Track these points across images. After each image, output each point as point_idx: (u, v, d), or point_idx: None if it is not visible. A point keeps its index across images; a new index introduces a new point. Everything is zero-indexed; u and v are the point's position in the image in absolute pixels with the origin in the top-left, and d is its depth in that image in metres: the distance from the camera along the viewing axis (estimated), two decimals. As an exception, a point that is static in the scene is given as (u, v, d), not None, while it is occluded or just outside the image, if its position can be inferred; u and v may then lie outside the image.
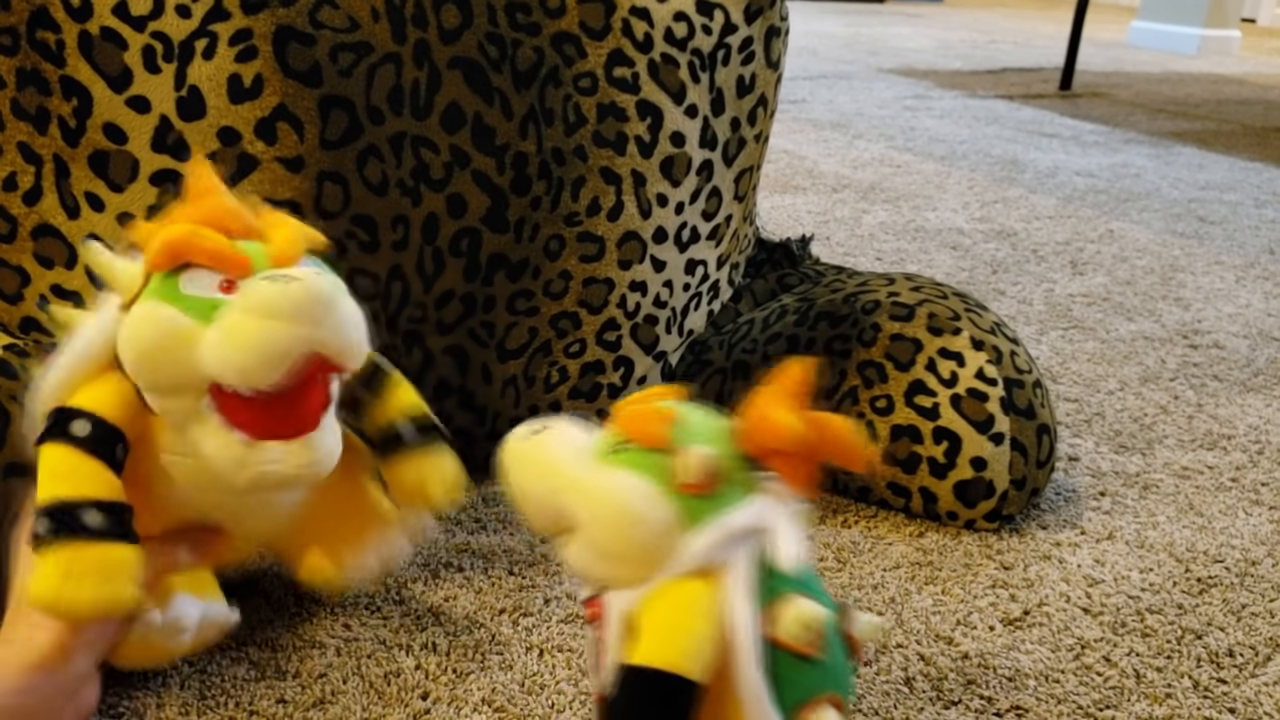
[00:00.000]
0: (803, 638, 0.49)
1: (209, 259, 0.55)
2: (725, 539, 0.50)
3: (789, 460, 0.51)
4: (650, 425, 0.52)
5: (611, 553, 0.51)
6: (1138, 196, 1.95)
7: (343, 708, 0.63)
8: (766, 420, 0.51)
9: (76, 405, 0.56)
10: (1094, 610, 0.76)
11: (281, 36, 0.71)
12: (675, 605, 0.49)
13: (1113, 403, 1.11)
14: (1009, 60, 3.68)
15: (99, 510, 0.54)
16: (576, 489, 0.52)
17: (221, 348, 0.53)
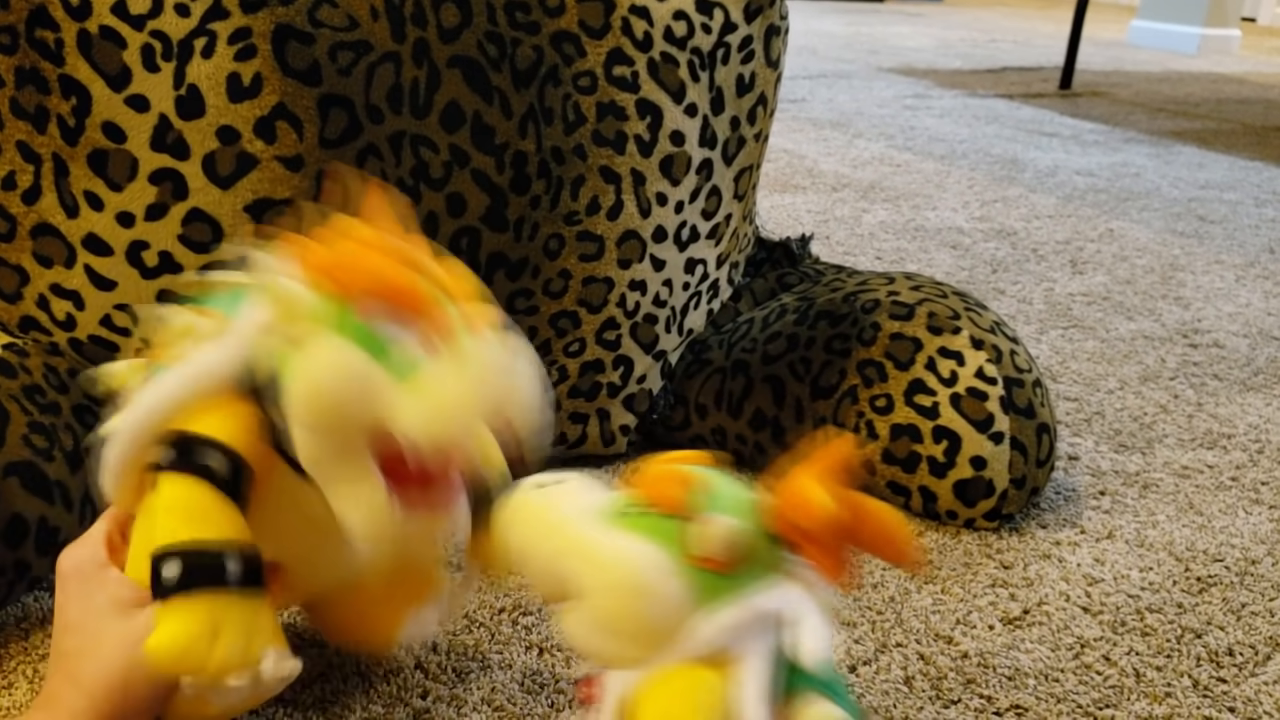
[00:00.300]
0: None
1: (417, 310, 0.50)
2: (742, 624, 0.45)
3: (821, 544, 0.46)
4: (669, 488, 0.47)
5: (614, 627, 0.46)
6: (1138, 196, 1.95)
7: (343, 707, 0.63)
8: (800, 498, 0.46)
9: (207, 434, 0.50)
10: (1094, 609, 0.76)
11: (280, 35, 0.71)
12: (679, 695, 0.45)
13: (1112, 402, 1.11)
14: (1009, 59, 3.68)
15: (239, 557, 0.49)
16: (581, 552, 0.47)
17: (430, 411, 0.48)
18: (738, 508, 0.47)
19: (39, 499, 0.67)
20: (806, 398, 0.89)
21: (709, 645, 0.45)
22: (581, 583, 0.47)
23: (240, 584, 0.48)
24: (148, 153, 0.71)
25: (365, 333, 0.49)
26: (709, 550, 0.46)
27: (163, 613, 0.47)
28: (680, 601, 0.45)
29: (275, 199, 0.73)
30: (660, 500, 0.47)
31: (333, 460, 0.50)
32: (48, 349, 0.75)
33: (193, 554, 0.48)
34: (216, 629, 0.47)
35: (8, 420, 0.67)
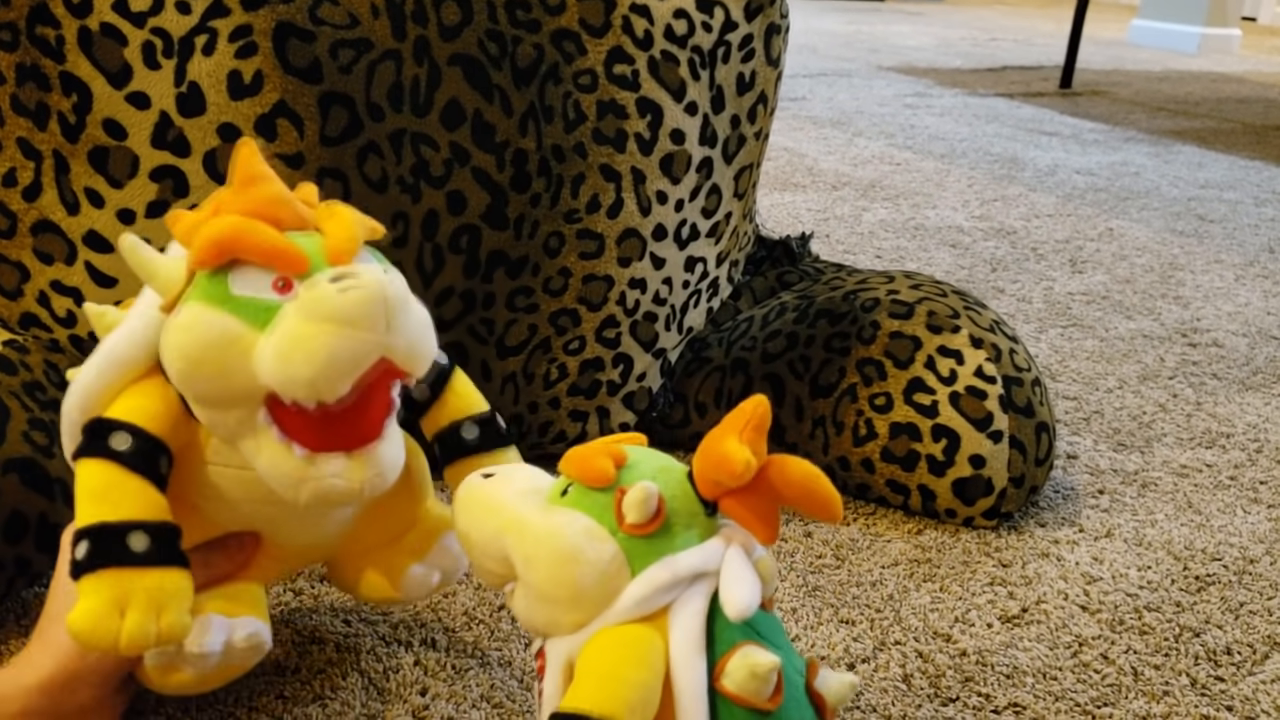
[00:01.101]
0: (750, 688, 0.46)
1: (262, 256, 0.50)
2: (671, 582, 0.48)
3: (746, 502, 0.49)
4: (594, 463, 0.50)
5: (550, 595, 0.49)
6: (1137, 195, 1.95)
7: (342, 703, 0.63)
8: (719, 456, 0.48)
9: (116, 416, 0.51)
10: (1092, 608, 0.77)
11: (281, 33, 0.71)
12: (615, 650, 0.47)
13: (1111, 401, 1.11)
14: (1009, 58, 3.68)
15: (145, 533, 0.50)
16: (518, 529, 0.50)
17: (283, 359, 0.48)
18: (660, 474, 0.50)
19: (39, 495, 0.67)
20: (806, 396, 0.89)
21: (641, 604, 0.48)
22: (520, 556, 0.50)
23: (145, 559, 0.49)
24: (148, 150, 0.71)
25: (223, 291, 0.49)
26: (634, 515, 0.48)
27: (79, 591, 0.49)
28: (611, 566, 0.48)
29: (276, 196, 0.73)
30: (589, 476, 0.50)
31: (225, 420, 0.51)
32: (48, 346, 0.75)
33: (98, 534, 0.49)
34: (123, 605, 0.48)
35: (8, 417, 0.67)
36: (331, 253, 0.51)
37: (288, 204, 0.53)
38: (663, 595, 0.48)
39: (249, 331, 0.49)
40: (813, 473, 0.49)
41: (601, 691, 0.45)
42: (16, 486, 0.66)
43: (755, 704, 0.47)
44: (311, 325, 0.47)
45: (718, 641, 0.48)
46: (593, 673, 0.47)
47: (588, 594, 0.48)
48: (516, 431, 0.88)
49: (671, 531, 0.49)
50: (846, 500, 0.89)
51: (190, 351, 0.49)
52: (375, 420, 0.52)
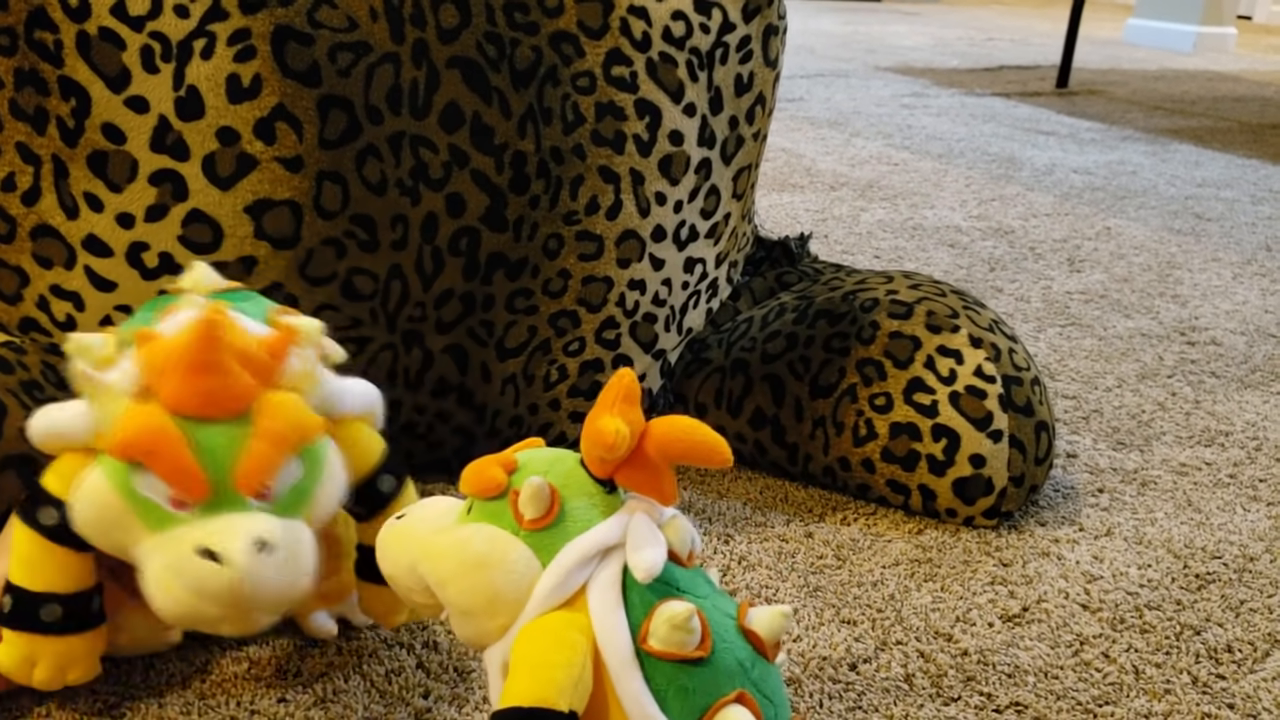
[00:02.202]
0: (674, 639, 0.48)
1: (166, 475, 0.53)
2: (579, 562, 0.49)
3: (636, 470, 0.50)
4: (486, 474, 0.52)
5: (469, 606, 0.50)
6: (1134, 194, 1.95)
7: (344, 706, 0.63)
8: (597, 433, 0.49)
9: (49, 487, 0.57)
10: (1093, 607, 0.77)
11: (280, 36, 0.71)
12: (538, 640, 0.48)
13: (1110, 399, 1.11)
14: (1006, 58, 3.68)
15: (58, 604, 0.57)
16: (426, 554, 0.52)
17: (155, 593, 0.54)
18: (552, 467, 0.52)
19: (40, 499, 0.67)
20: (806, 396, 0.89)
21: (555, 591, 0.49)
22: (434, 580, 0.51)
23: (55, 628, 0.57)
24: (147, 154, 0.71)
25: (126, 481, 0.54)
26: (530, 511, 0.50)
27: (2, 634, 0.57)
28: (521, 565, 0.50)
29: (275, 200, 0.73)
30: (482, 488, 0.52)
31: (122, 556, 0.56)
32: (46, 347, 0.75)
33: (17, 597, 0.57)
34: (33, 660, 0.57)
35: (5, 414, 0.67)
36: (241, 477, 0.55)
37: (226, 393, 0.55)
38: (574, 576, 0.49)
39: (139, 526, 0.54)
40: (690, 424, 0.50)
41: (531, 681, 0.47)
42: (14, 483, 0.66)
43: (684, 654, 0.48)
44: (174, 584, 0.53)
45: (637, 607, 0.49)
46: (521, 666, 0.48)
47: (503, 596, 0.50)
48: (516, 434, 0.88)
49: (572, 518, 0.51)
50: (847, 500, 0.89)
51: (88, 519, 0.55)
52: None
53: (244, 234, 0.73)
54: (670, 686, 0.48)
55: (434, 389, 0.83)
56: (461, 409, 0.85)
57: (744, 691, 0.49)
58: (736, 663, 0.49)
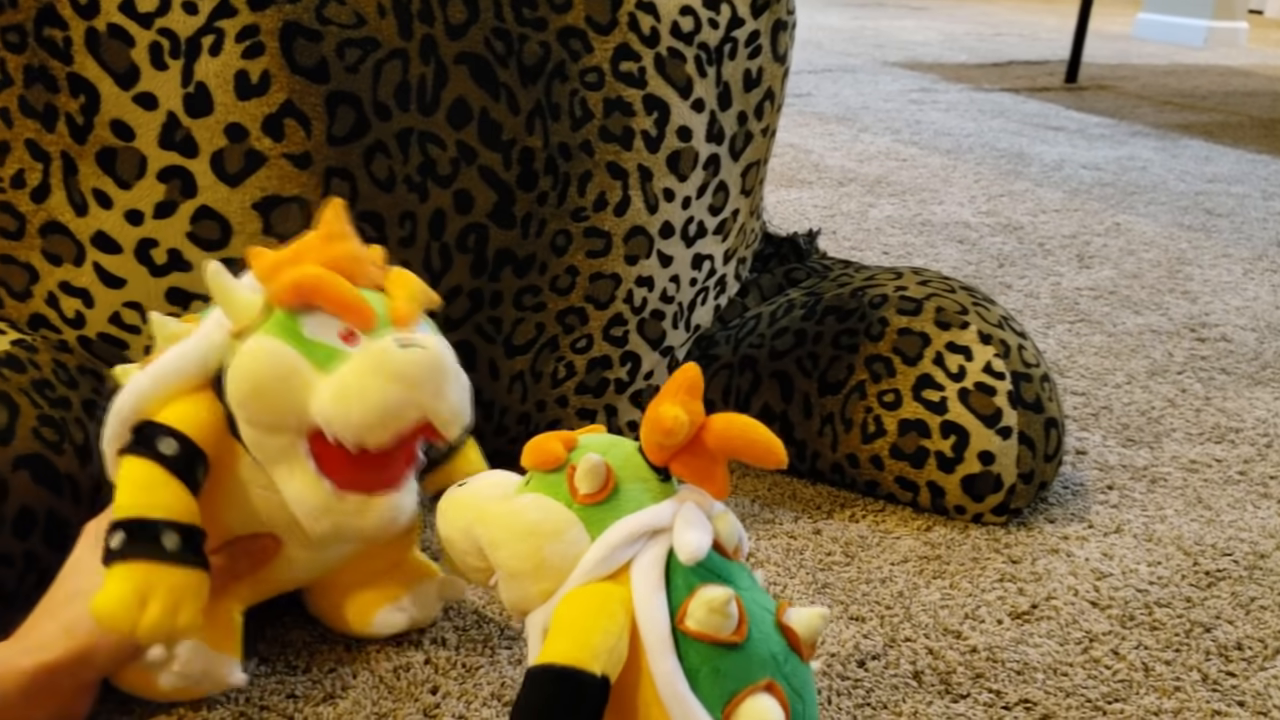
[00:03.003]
0: (711, 622, 0.49)
1: (336, 307, 0.55)
2: (627, 539, 0.51)
3: (691, 461, 0.52)
4: (546, 447, 0.54)
5: (517, 570, 0.53)
6: (1144, 189, 1.95)
7: (353, 702, 0.63)
8: (657, 420, 0.51)
9: (165, 421, 0.56)
10: (1102, 604, 0.76)
11: (288, 32, 0.71)
12: (579, 605, 0.50)
13: (1120, 396, 1.11)
14: (1015, 53, 3.67)
15: (177, 533, 0.54)
16: (482, 519, 0.55)
17: (340, 402, 0.53)
18: (610, 449, 0.54)
19: (48, 491, 0.67)
20: (814, 393, 0.89)
21: (601, 564, 0.51)
22: (487, 542, 0.54)
23: (174, 556, 0.54)
24: (156, 150, 0.71)
25: (294, 329, 0.55)
26: (585, 486, 0.52)
27: (106, 576, 0.53)
28: (571, 534, 0.52)
29: (283, 196, 0.73)
30: (541, 461, 0.54)
31: (270, 444, 0.56)
32: (57, 346, 0.75)
33: (134, 526, 0.54)
34: (146, 595, 0.53)
35: (18, 414, 0.68)
36: (396, 314, 0.57)
37: (362, 262, 0.58)
38: (620, 552, 0.51)
39: (312, 371, 0.54)
40: (749, 423, 0.52)
41: (569, 643, 0.48)
42: (26, 483, 0.66)
43: (719, 638, 0.49)
44: (371, 378, 0.53)
45: (678, 589, 0.50)
46: (561, 628, 0.49)
47: (550, 563, 0.52)
48: (524, 431, 0.88)
49: (625, 497, 0.53)
50: (855, 497, 0.89)
51: (257, 377, 0.54)
52: (400, 470, 0.58)
53: (253, 231, 0.73)
54: (703, 667, 0.49)
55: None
56: (470, 405, 0.85)
57: (774, 681, 0.50)
58: (770, 654, 0.50)
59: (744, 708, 0.48)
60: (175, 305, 0.74)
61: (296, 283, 0.55)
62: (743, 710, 0.48)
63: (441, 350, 0.55)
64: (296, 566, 0.65)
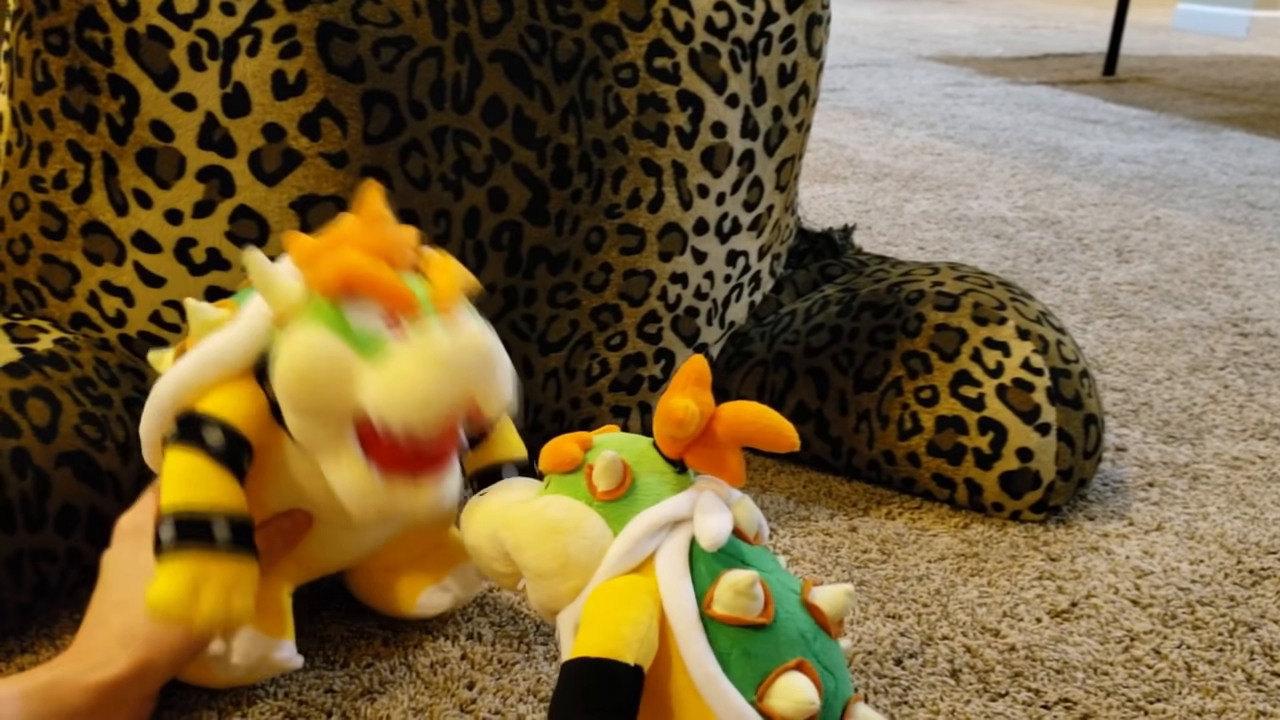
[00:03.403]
0: (737, 604, 0.49)
1: (380, 294, 0.55)
2: (648, 531, 0.52)
3: (705, 451, 0.53)
4: (562, 449, 0.55)
5: (544, 570, 0.53)
6: (1185, 182, 1.92)
7: (390, 697, 0.64)
8: (663, 411, 0.52)
9: (208, 411, 0.56)
10: (1143, 602, 0.76)
11: (324, 32, 0.72)
12: (608, 599, 0.51)
13: (1161, 392, 1.09)
14: (1051, 46, 3.64)
15: (226, 522, 0.54)
16: (506, 523, 0.55)
17: (388, 391, 0.53)
18: (625, 446, 0.55)
19: (90, 488, 0.68)
20: (850, 390, 0.88)
21: (625, 557, 0.51)
22: (512, 545, 0.55)
23: (226, 546, 0.54)
24: (195, 150, 0.72)
25: (339, 318, 0.54)
26: (603, 483, 0.53)
27: (159, 569, 0.53)
28: (594, 531, 0.52)
29: (320, 195, 0.73)
30: (559, 463, 0.55)
31: (316, 432, 0.56)
32: (98, 344, 0.76)
33: (184, 517, 0.54)
34: (199, 586, 0.53)
35: (60, 411, 0.68)
36: (438, 300, 0.56)
37: (402, 247, 0.58)
38: (644, 545, 0.51)
39: (357, 360, 0.54)
40: (759, 409, 0.52)
41: (600, 636, 0.49)
42: (69, 479, 0.67)
43: (747, 620, 0.49)
44: (419, 366, 0.53)
45: (703, 575, 0.51)
46: (591, 623, 0.50)
47: (576, 561, 0.52)
48: (558, 428, 0.88)
49: (643, 491, 0.53)
50: (891, 495, 0.88)
51: (304, 367, 0.54)
52: (445, 453, 0.57)
53: (290, 229, 0.73)
54: (733, 650, 0.49)
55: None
56: (505, 402, 0.85)
57: (805, 660, 0.50)
58: (799, 633, 0.51)
59: (777, 687, 0.49)
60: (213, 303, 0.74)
61: (341, 270, 0.55)
62: (775, 690, 0.48)
63: (487, 336, 0.55)
64: (340, 548, 0.65)
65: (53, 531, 0.66)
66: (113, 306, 0.75)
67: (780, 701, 0.48)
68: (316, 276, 0.55)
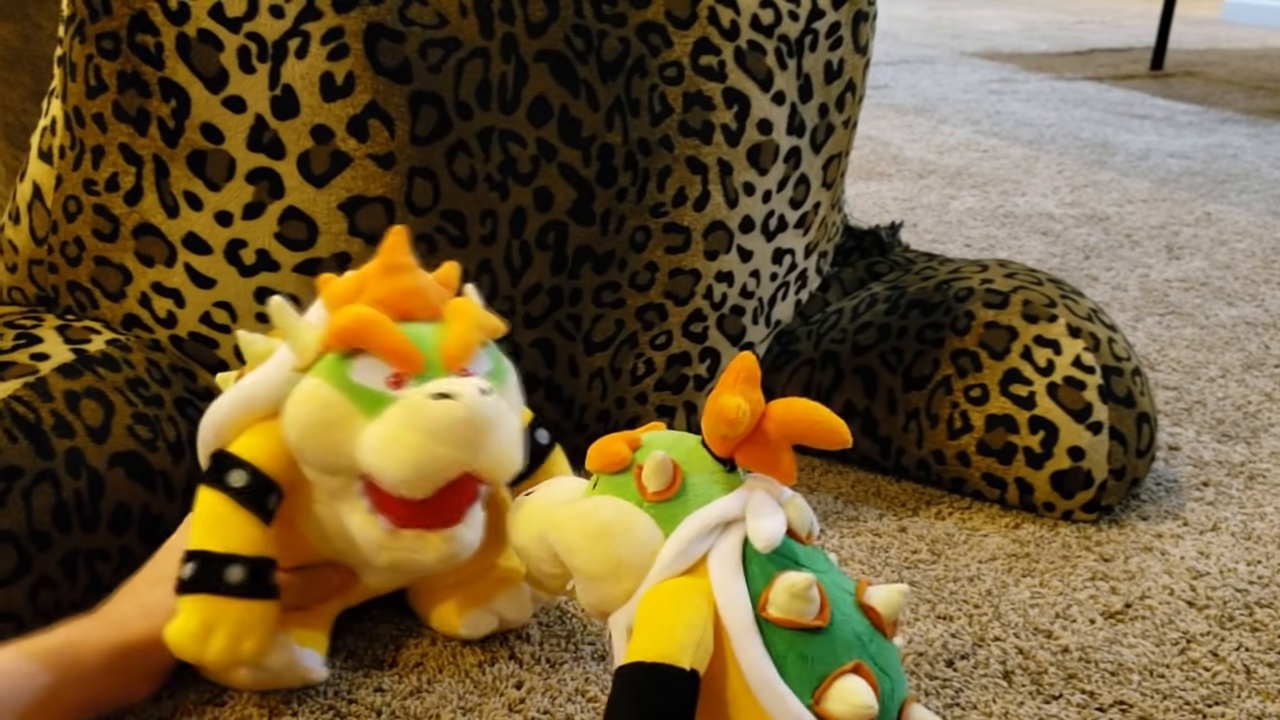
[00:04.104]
0: (793, 607, 0.49)
1: (383, 353, 0.56)
2: (701, 532, 0.51)
3: (756, 449, 0.52)
4: (611, 449, 0.55)
5: (595, 573, 0.53)
6: (1236, 177, 1.89)
7: (439, 696, 0.64)
8: (713, 410, 0.51)
9: (237, 453, 0.58)
10: (1199, 603, 0.74)
11: (372, 34, 0.72)
12: (661, 601, 0.50)
13: (1214, 390, 1.07)
14: (1097, 41, 3.59)
15: (242, 566, 0.56)
16: (554, 525, 0.55)
17: (379, 455, 0.54)
18: (674, 445, 0.54)
19: (143, 488, 0.69)
20: (899, 389, 0.87)
21: (677, 559, 0.51)
22: (562, 548, 0.54)
23: (239, 591, 0.56)
24: (245, 152, 0.72)
25: (342, 374, 0.56)
26: (653, 484, 0.52)
27: (179, 606, 0.56)
28: (644, 533, 0.52)
29: (368, 196, 0.73)
30: (607, 463, 0.54)
31: (326, 482, 0.57)
32: (149, 345, 0.76)
33: (202, 559, 0.56)
34: (211, 627, 0.55)
35: (113, 412, 0.69)
36: (447, 356, 0.57)
37: (420, 295, 0.59)
38: (696, 546, 0.51)
39: (358, 416, 0.55)
40: (811, 406, 0.51)
41: (655, 640, 0.48)
42: (122, 479, 0.68)
43: (803, 623, 0.49)
44: (407, 433, 0.53)
45: (756, 577, 0.50)
46: (645, 626, 0.49)
47: (627, 563, 0.52)
48: (603, 428, 0.88)
49: (694, 491, 0.52)
50: (941, 494, 0.87)
51: (305, 423, 0.55)
52: (457, 508, 0.58)
53: (338, 231, 0.74)
54: (789, 653, 0.48)
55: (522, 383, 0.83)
56: (549, 403, 0.85)
57: (861, 662, 0.49)
58: (854, 635, 0.50)
59: (834, 690, 0.48)
60: (264, 305, 0.75)
61: (344, 327, 0.56)
62: (832, 693, 0.48)
63: (478, 405, 0.54)
64: (380, 579, 0.66)
65: (106, 531, 0.67)
66: (164, 308, 0.76)
67: (838, 705, 0.47)
68: (324, 332, 0.56)
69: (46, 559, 0.64)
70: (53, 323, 0.76)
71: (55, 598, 0.65)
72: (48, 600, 0.64)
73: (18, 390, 0.67)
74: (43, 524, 0.63)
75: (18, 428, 0.65)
